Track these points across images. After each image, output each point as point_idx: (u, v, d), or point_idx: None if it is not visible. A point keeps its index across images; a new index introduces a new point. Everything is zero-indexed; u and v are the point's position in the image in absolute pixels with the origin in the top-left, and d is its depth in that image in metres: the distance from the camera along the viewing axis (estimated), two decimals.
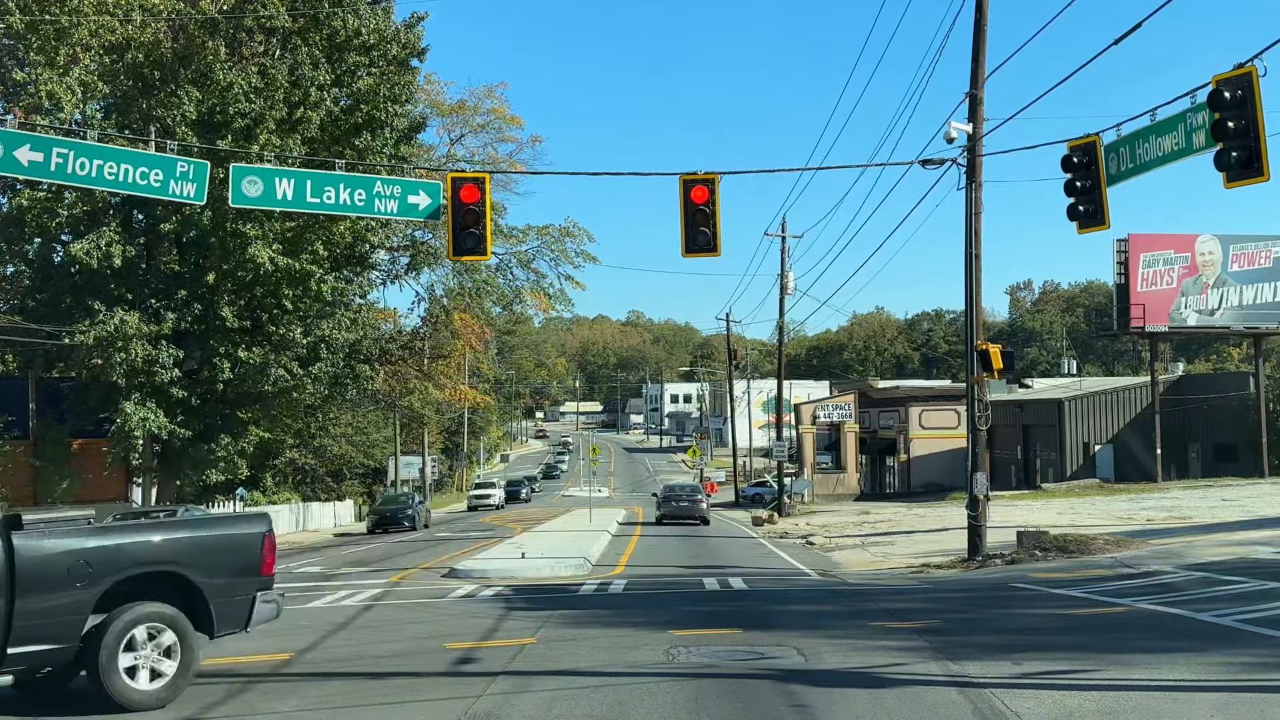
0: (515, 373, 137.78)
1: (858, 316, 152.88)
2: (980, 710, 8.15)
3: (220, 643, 13.55)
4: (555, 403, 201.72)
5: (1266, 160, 12.65)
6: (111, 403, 31.08)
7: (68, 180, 16.58)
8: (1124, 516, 29.26)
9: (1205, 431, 51.06)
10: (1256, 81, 12.60)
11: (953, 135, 20.79)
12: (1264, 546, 19.83)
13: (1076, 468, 50.92)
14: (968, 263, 21.46)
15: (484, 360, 77.96)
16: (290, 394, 34.59)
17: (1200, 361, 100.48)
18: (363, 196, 17.49)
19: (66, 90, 27.73)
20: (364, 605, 16.86)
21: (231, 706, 9.52)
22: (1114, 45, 16.16)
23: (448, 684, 10.06)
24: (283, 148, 28.27)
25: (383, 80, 32.03)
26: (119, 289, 31.01)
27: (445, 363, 53.29)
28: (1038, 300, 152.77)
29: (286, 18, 30.88)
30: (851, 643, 11.52)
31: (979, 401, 21.05)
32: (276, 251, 29.92)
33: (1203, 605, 13.03)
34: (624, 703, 8.79)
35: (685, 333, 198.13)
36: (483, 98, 49.80)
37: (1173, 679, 9.20)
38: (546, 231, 45.51)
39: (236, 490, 44.19)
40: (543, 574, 21.55)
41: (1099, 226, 16.36)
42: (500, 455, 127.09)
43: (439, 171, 33.87)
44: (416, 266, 41.39)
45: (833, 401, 68.81)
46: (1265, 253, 48.79)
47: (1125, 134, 15.75)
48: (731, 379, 73.90)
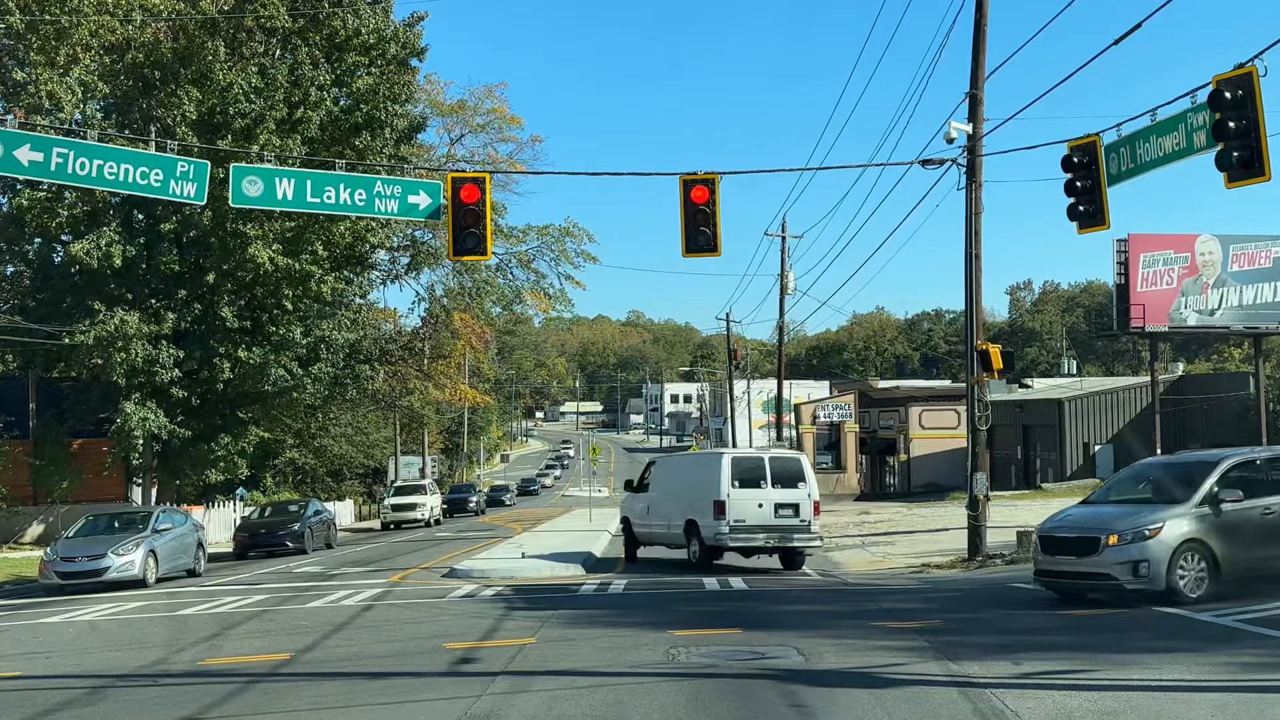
0: (515, 373, 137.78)
1: (858, 316, 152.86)
2: (980, 710, 8.14)
3: (220, 643, 13.59)
4: (555, 403, 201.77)
5: (1267, 160, 12.66)
6: (111, 403, 31.09)
7: (68, 180, 16.59)
8: None
9: (1205, 432, 50.98)
10: (1257, 81, 12.60)
11: (953, 135, 20.79)
12: None
13: (1076, 468, 50.88)
14: (968, 263, 21.46)
15: (484, 360, 77.87)
16: (290, 394, 34.60)
17: (1200, 361, 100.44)
18: (363, 196, 17.49)
19: (66, 90, 27.75)
20: (364, 605, 16.85)
21: (231, 706, 9.52)
22: (1114, 45, 16.18)
23: (448, 684, 10.06)
24: (283, 148, 28.28)
25: (382, 80, 32.07)
26: (119, 289, 31.04)
27: (445, 363, 53.28)
28: (1038, 300, 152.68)
29: (286, 18, 30.89)
30: (852, 643, 11.52)
31: (979, 401, 21.05)
32: (276, 251, 29.93)
33: (1202, 605, 13.03)
34: (624, 703, 8.79)
35: (685, 333, 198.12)
36: (483, 98, 49.85)
37: (1173, 679, 9.19)
38: (546, 231, 45.59)
39: (236, 490, 44.24)
40: (543, 574, 21.54)
41: (1099, 226, 16.35)
42: (500, 455, 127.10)
43: (439, 171, 33.87)
44: (416, 266, 41.44)
45: (833, 401, 68.78)
46: (1265, 253, 48.75)
47: (1126, 134, 15.74)
48: (731, 379, 73.88)
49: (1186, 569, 13.04)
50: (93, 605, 18.92)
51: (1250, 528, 13.43)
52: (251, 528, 32.09)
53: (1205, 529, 13.17)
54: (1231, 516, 13.35)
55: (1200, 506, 13.36)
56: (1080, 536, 13.66)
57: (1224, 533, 13.21)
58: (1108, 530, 13.39)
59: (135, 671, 11.64)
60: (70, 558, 22.18)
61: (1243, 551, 13.28)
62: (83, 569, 21.87)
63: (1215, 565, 13.12)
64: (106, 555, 22.03)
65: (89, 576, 21.76)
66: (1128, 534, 13.17)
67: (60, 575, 21.90)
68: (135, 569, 22.20)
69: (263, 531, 31.37)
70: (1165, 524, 13.09)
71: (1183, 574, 12.98)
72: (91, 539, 23.18)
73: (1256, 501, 13.60)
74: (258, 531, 31.48)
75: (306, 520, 31.89)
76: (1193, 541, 13.10)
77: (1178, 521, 13.16)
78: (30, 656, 13.31)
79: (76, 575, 21.82)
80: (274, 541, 30.81)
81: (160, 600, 19.45)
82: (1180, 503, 13.51)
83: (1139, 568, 12.98)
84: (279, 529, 31.27)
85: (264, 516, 33.46)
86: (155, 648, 13.43)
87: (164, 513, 25.75)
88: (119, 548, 22.33)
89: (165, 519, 24.97)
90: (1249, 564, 13.31)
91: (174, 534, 24.67)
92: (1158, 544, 12.98)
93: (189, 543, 25.34)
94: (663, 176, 35.80)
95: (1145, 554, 12.98)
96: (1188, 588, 12.95)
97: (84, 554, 22.22)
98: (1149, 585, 12.95)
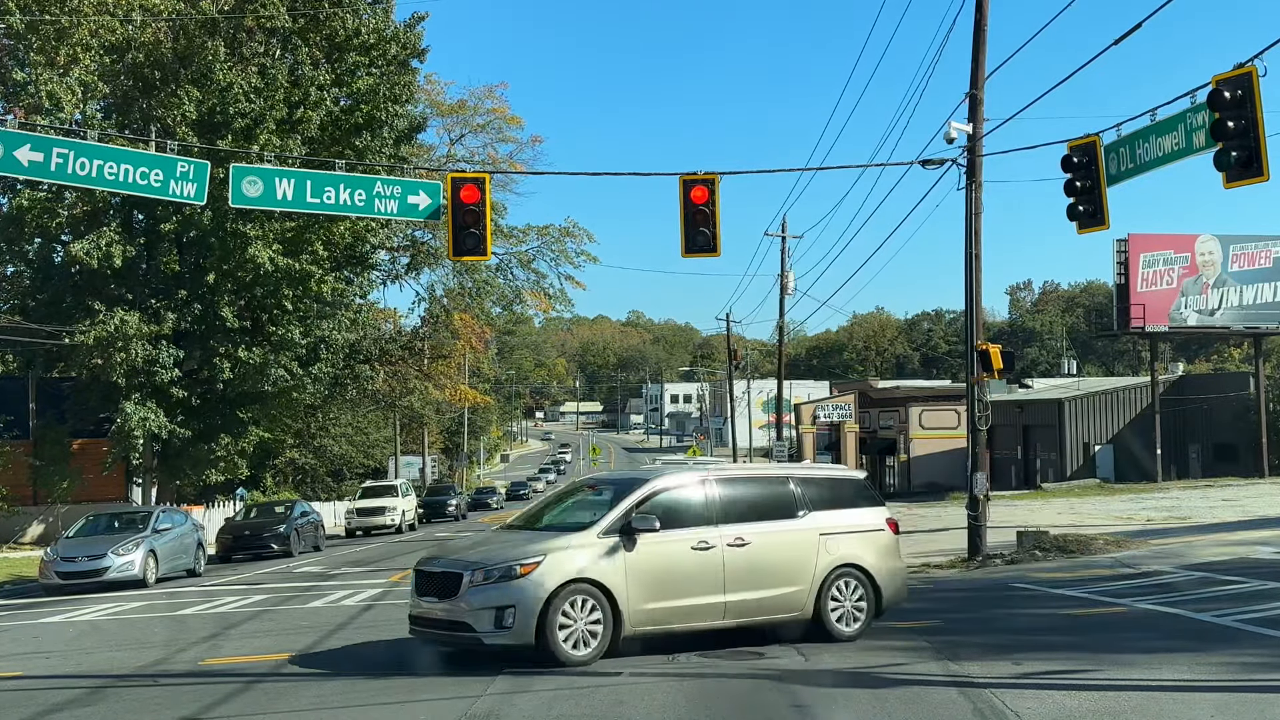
0: (515, 373, 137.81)
1: (858, 317, 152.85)
2: (980, 710, 8.14)
3: (220, 643, 13.60)
4: (555, 403, 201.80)
5: (1266, 160, 12.65)
6: (111, 403, 31.09)
7: (68, 180, 16.58)
8: (1124, 516, 29.24)
9: (1205, 431, 51.04)
10: (1256, 81, 12.60)
11: (953, 135, 20.77)
12: (1264, 546, 19.83)
13: (1076, 468, 50.89)
14: (968, 263, 21.45)
15: (484, 360, 77.86)
16: (290, 394, 34.64)
17: (1200, 361, 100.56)
18: (363, 196, 17.48)
19: (66, 90, 27.75)
20: (364, 605, 16.85)
21: (231, 706, 9.53)
22: (1114, 45, 16.16)
23: (448, 684, 10.06)
24: (283, 148, 28.27)
25: (382, 80, 32.08)
26: (119, 289, 31.04)
27: (445, 363, 53.29)
28: (1038, 300, 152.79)
29: (286, 18, 30.91)
30: (851, 642, 11.52)
31: (979, 401, 21.04)
32: (276, 252, 29.93)
33: (1203, 605, 13.02)
34: (624, 702, 8.79)
35: (685, 333, 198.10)
36: (483, 98, 49.85)
37: (1173, 679, 9.19)
38: (547, 231, 45.59)
39: (236, 490, 44.24)
40: None
41: (1099, 227, 16.35)
42: (500, 455, 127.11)
43: (439, 171, 33.88)
44: (416, 266, 41.47)
45: (833, 401, 68.80)
46: (1265, 253, 48.77)
47: (1125, 134, 15.73)
48: (731, 379, 73.84)
49: (572, 619, 10.16)
50: (93, 605, 18.93)
51: (675, 567, 10.68)
52: (235, 529, 31.07)
53: (608, 566, 10.37)
54: (649, 551, 10.57)
55: (607, 536, 10.51)
56: (445, 572, 10.61)
57: (636, 572, 10.46)
58: (474, 565, 10.42)
59: (136, 671, 11.64)
60: (70, 558, 22.19)
61: (658, 598, 10.55)
62: (83, 569, 21.89)
63: (616, 614, 10.32)
64: (106, 555, 22.05)
65: (89, 576, 21.77)
66: (494, 570, 10.24)
67: (60, 575, 21.91)
68: (135, 569, 22.21)
69: (246, 533, 30.47)
70: (546, 558, 10.23)
71: (566, 625, 10.14)
72: (91, 539, 23.21)
73: (688, 533, 10.84)
74: (241, 533, 30.55)
75: (293, 522, 30.93)
76: (583, 583, 10.24)
77: (567, 555, 10.33)
78: (30, 656, 13.32)
79: (77, 575, 21.83)
80: (258, 544, 29.91)
81: (160, 600, 19.46)
82: (582, 529, 10.73)
83: (503, 616, 10.04)
84: (263, 530, 30.39)
85: (249, 518, 32.48)
86: (155, 647, 13.44)
87: (164, 513, 25.77)
88: (119, 548, 22.35)
89: (165, 519, 25.00)
90: (667, 614, 10.61)
91: (174, 534, 24.69)
92: (530, 585, 10.06)
93: (189, 543, 25.36)
94: (663, 176, 35.73)
95: (511, 598, 10.05)
96: (571, 644, 10.12)
97: (84, 554, 22.23)
98: (514, 640, 10.06)
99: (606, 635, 10.31)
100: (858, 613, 11.54)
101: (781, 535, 11.32)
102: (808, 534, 11.42)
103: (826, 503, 11.79)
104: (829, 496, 11.89)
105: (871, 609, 11.65)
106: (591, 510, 11.20)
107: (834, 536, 11.56)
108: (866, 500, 12.35)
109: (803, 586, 11.24)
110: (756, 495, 11.59)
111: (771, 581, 11.09)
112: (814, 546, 11.39)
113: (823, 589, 11.33)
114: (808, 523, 11.49)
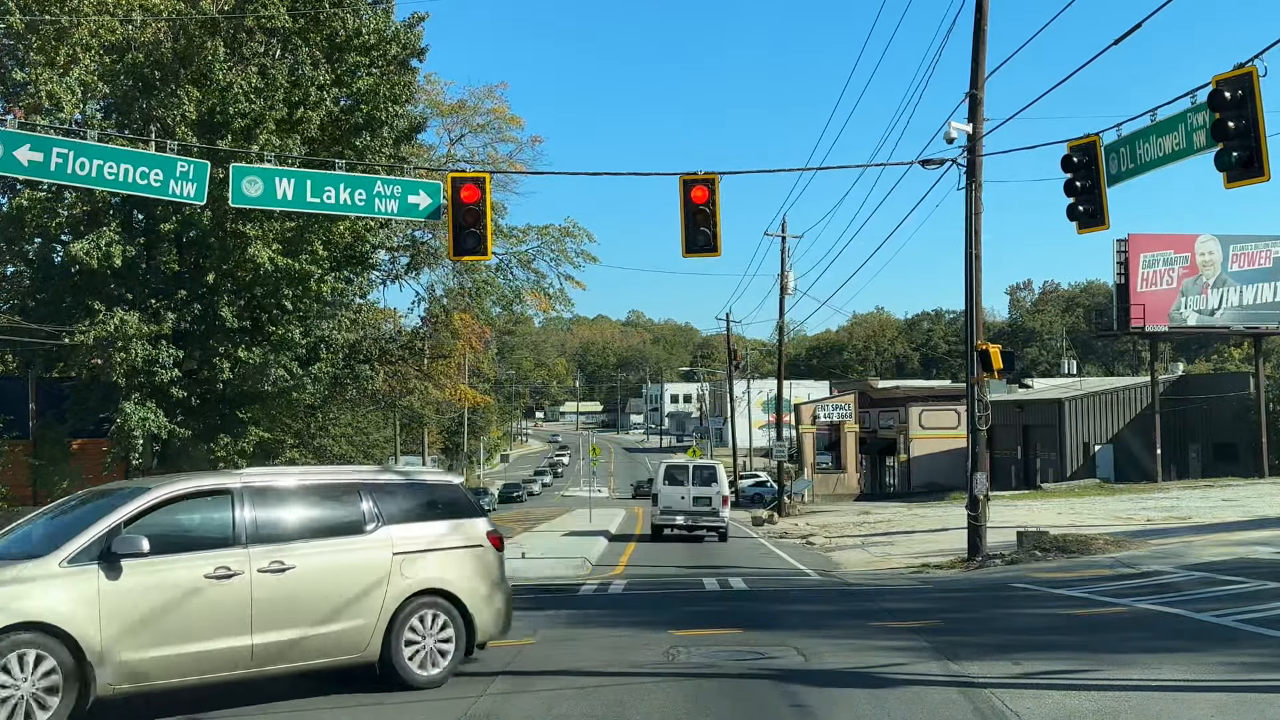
0: (515, 373, 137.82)
1: (858, 316, 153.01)
2: (980, 710, 8.14)
3: None
4: (555, 403, 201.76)
5: (1267, 160, 12.65)
6: (111, 403, 31.07)
7: (68, 180, 16.59)
8: (1124, 516, 29.25)
9: (1205, 431, 51.07)
10: (1257, 81, 12.60)
11: (953, 135, 20.80)
12: (1264, 546, 19.83)
13: (1076, 468, 50.93)
14: (968, 263, 21.46)
15: (484, 360, 77.87)
16: (290, 394, 34.59)
17: (1200, 361, 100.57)
18: (363, 196, 17.50)
19: (66, 90, 27.73)
20: None
21: (231, 705, 9.50)
22: (1114, 45, 16.18)
23: (448, 683, 10.04)
24: (283, 148, 28.25)
25: (383, 80, 32.04)
26: (119, 289, 31.02)
27: (445, 363, 53.24)
28: (1038, 300, 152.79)
29: (286, 18, 30.87)
30: (852, 643, 11.52)
31: (979, 401, 21.05)
32: (276, 252, 29.91)
33: (1202, 605, 13.03)
34: (624, 702, 8.79)
35: (685, 333, 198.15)
36: (483, 98, 49.78)
37: (1172, 679, 9.19)
38: (547, 231, 45.54)
39: None
40: (543, 574, 21.55)
41: (1099, 226, 16.35)
42: (500, 455, 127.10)
43: (439, 171, 33.86)
44: (416, 266, 41.43)
45: (833, 401, 68.85)
46: (1265, 253, 48.81)
47: (1125, 134, 15.74)
48: (731, 379, 73.87)
49: (12, 680, 7.55)
50: None
51: (180, 603, 8.36)
52: None
53: (73, 605, 7.87)
54: (141, 583, 8.18)
55: (78, 564, 8.04)
56: None
57: (118, 611, 8.04)
58: None
59: None
60: None
61: (151, 645, 8.17)
62: None
63: (83, 670, 7.81)
64: None
65: None
66: None
67: None
68: None
69: None
70: None
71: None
72: None
73: (201, 558, 8.56)
74: None
75: None
76: (35, 629, 7.68)
77: (16, 590, 7.76)
78: None
79: None
80: None
81: None
82: (44, 555, 8.10)
83: None
84: None
85: None
86: None
87: None
88: None
89: None
90: (164, 666, 8.26)
91: None
92: None
93: None
94: (663, 176, 35.84)
95: None
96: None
97: None
98: None
99: (69, 700, 7.73)
100: (441, 653, 9.60)
101: (340, 556, 9.19)
102: (377, 554, 9.35)
103: (408, 515, 9.74)
104: (412, 508, 9.85)
105: (462, 645, 9.73)
106: (65, 530, 8.46)
107: (414, 557, 9.53)
108: (463, 511, 10.40)
109: (366, 620, 9.18)
110: (309, 508, 9.32)
111: (321, 617, 8.98)
112: (385, 569, 9.34)
113: (394, 622, 9.33)
114: (378, 539, 9.42)
